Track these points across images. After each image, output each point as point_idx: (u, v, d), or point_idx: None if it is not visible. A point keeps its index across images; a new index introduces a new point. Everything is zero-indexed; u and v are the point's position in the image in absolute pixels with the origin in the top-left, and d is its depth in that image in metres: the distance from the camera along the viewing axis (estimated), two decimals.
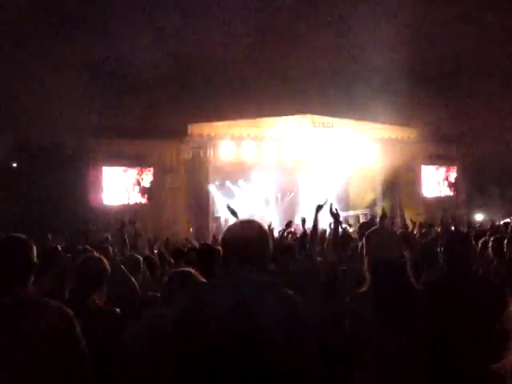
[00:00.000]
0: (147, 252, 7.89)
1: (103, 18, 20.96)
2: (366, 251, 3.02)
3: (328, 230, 8.02)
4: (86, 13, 21.21)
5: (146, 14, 22.31)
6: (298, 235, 8.97)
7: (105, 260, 3.80)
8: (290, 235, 10.45)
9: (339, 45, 21.57)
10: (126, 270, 4.92)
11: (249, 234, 2.38)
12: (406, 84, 19.89)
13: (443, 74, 24.01)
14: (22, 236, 2.69)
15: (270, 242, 2.47)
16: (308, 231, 6.10)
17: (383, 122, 23.58)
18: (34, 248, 2.68)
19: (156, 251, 8.47)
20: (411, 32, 20.86)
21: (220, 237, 2.53)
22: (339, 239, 5.56)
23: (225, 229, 2.52)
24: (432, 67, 23.82)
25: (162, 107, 21.86)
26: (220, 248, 2.51)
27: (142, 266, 5.35)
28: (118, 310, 3.52)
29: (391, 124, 23.90)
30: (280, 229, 12.27)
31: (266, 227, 2.67)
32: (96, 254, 4.27)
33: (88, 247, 5.92)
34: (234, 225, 2.50)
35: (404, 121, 23.06)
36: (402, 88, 19.90)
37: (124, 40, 19.81)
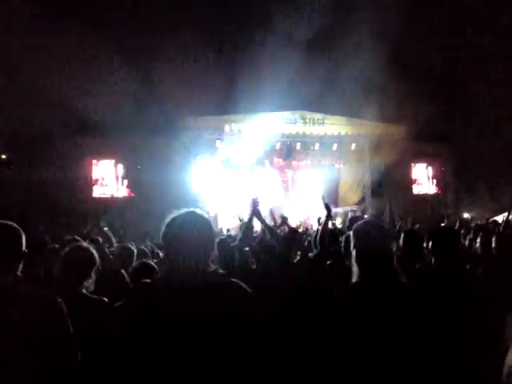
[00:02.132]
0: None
1: (97, 10, 20.91)
2: (353, 243, 3.04)
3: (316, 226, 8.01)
4: (79, 6, 21.12)
5: (140, 10, 22.27)
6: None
7: (92, 249, 3.80)
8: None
9: (330, 41, 21.57)
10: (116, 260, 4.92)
11: (190, 228, 2.32)
12: (396, 81, 19.94)
13: (434, 71, 24.12)
14: (12, 224, 2.68)
15: (212, 235, 2.41)
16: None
17: (373, 119, 23.62)
18: (24, 236, 2.67)
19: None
20: (402, 29, 20.90)
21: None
22: (327, 233, 5.58)
23: (165, 223, 2.42)
24: (423, 65, 23.90)
25: (153, 101, 21.79)
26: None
27: (134, 257, 5.35)
28: (105, 299, 3.52)
29: (381, 121, 23.94)
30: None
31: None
32: (84, 243, 4.25)
33: (76, 237, 5.89)
34: (175, 217, 2.43)
35: (394, 118, 23.10)
36: (393, 85, 19.95)
37: (119, 35, 19.78)
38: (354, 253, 3.01)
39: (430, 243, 3.83)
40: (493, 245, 5.45)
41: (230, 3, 24.25)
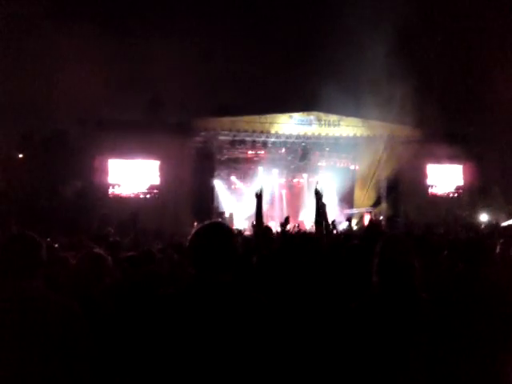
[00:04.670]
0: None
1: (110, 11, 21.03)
2: (377, 255, 3.02)
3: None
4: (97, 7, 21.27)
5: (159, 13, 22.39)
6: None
7: (104, 256, 3.84)
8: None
9: (347, 43, 21.52)
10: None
11: (213, 237, 2.41)
12: (412, 84, 19.88)
13: (451, 75, 23.98)
14: (32, 234, 2.78)
15: (235, 244, 2.48)
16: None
17: (389, 121, 23.53)
18: (44, 246, 2.75)
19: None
20: (419, 32, 20.83)
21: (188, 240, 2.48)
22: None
23: (192, 232, 2.50)
24: (439, 67, 23.77)
25: (169, 101, 21.88)
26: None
27: (155, 260, 5.37)
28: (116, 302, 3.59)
29: (397, 123, 23.83)
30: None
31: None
32: (97, 249, 4.25)
33: (90, 243, 5.88)
34: (200, 228, 2.48)
35: (410, 120, 22.97)
36: (408, 88, 19.88)
37: (131, 34, 19.87)
38: (377, 264, 2.99)
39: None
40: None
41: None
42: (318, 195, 5.35)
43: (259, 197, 5.28)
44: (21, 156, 22.08)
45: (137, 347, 2.58)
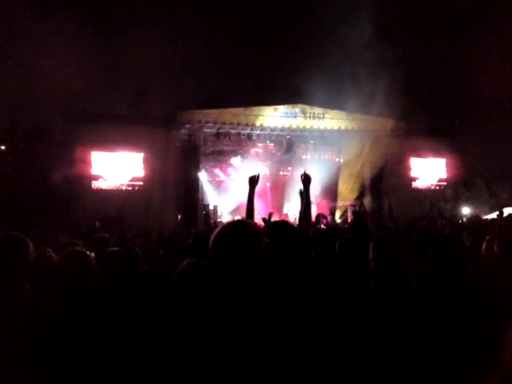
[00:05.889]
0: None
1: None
2: (373, 254, 3.00)
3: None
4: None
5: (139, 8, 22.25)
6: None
7: (89, 254, 3.79)
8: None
9: (332, 37, 21.56)
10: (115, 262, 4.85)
11: (238, 237, 2.33)
12: (397, 77, 19.94)
13: (434, 67, 24.10)
14: (19, 235, 2.70)
15: (262, 244, 2.40)
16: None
17: (373, 114, 23.57)
18: (30, 246, 2.68)
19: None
20: (404, 26, 20.88)
21: (211, 238, 2.38)
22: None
23: (216, 230, 2.41)
24: (423, 61, 23.88)
25: (153, 94, 21.76)
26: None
27: (138, 258, 5.27)
28: (104, 303, 3.55)
29: (381, 116, 23.88)
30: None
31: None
32: (80, 248, 4.18)
33: (75, 241, 5.75)
34: (224, 227, 2.41)
35: (394, 113, 23.04)
36: (393, 81, 19.95)
37: (115, 27, 19.70)
38: (371, 263, 2.97)
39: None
40: (495, 248, 5.40)
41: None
42: (307, 181, 5.02)
43: (253, 183, 4.90)
44: (3, 148, 21.81)
45: (149, 348, 2.52)
